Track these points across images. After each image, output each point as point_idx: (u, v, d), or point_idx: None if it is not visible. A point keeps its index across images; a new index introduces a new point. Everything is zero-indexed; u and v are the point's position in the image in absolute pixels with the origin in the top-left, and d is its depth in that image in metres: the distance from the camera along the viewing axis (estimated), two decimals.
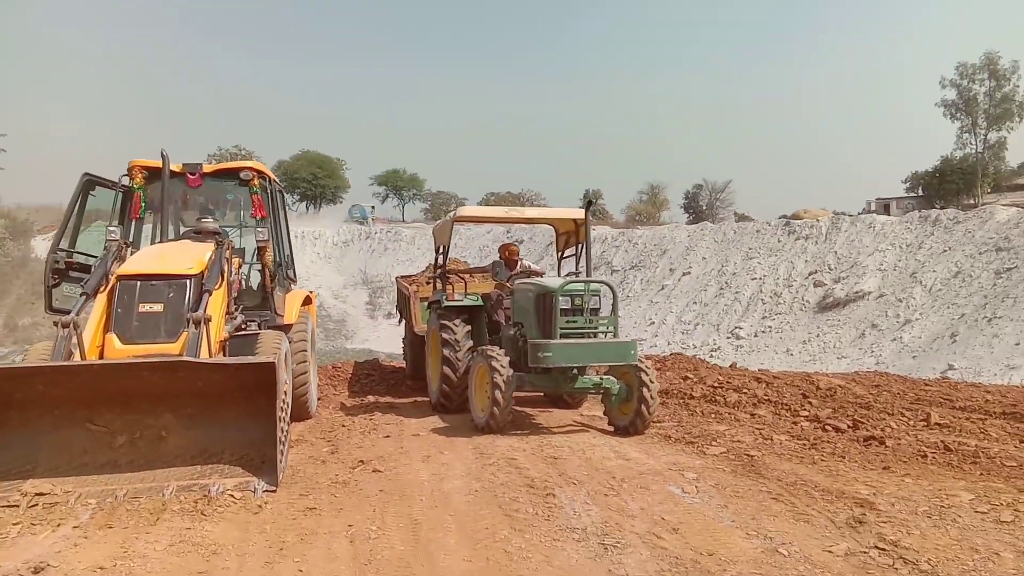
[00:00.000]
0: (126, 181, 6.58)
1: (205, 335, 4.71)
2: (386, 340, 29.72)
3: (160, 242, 6.19)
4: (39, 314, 29.39)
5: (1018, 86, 42.84)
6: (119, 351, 4.68)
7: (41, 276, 6.94)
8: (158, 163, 6.28)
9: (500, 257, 8.14)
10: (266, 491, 4.24)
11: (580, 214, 7.60)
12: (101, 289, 5.10)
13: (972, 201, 41.38)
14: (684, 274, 31.95)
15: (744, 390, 8.24)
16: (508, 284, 7.53)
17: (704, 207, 56.68)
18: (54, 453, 4.23)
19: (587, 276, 7.06)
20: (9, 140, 40.17)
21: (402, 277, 11.62)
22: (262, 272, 7.01)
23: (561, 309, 6.17)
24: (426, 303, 9.27)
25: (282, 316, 7.05)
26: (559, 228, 8.38)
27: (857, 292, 25.55)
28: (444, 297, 7.55)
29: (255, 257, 7.01)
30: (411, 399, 8.75)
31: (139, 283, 4.98)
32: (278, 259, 7.31)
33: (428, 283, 10.22)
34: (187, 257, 5.35)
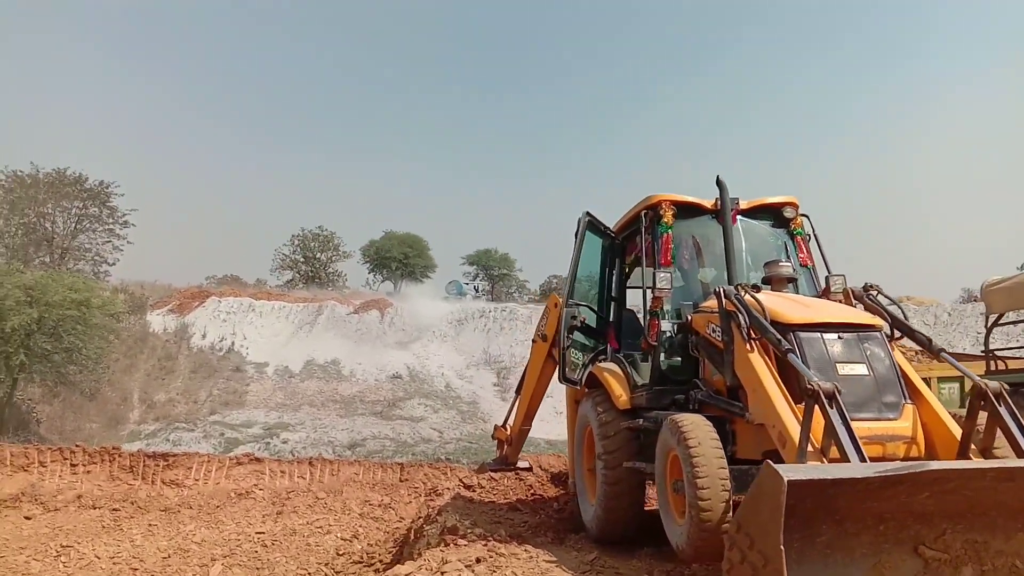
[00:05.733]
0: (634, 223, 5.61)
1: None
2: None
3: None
4: (173, 390, 28.10)
5: None
6: None
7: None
8: (687, 198, 5.37)
9: None
10: None
11: None
12: (748, 349, 3.92)
13: None
14: None
15: None
16: None
17: None
18: None
19: None
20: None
21: None
22: None
23: None
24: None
25: None
26: None
27: None
28: None
29: None
30: None
31: (822, 335, 3.83)
32: None
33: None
34: (840, 306, 4.31)
